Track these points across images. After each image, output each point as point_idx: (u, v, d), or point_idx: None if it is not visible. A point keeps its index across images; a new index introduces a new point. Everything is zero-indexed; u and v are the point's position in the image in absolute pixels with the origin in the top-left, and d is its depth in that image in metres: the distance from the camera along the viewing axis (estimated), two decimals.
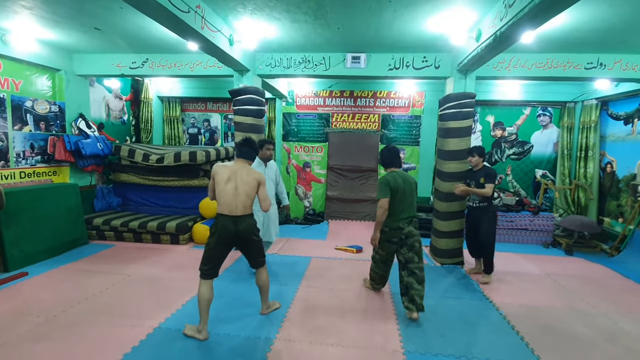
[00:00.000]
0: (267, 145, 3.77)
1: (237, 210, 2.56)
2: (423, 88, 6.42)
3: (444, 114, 4.41)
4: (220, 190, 2.59)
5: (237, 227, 2.57)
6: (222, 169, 2.61)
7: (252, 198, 2.63)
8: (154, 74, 5.01)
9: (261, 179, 2.63)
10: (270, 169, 3.87)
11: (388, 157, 3.14)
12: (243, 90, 4.52)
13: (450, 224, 4.39)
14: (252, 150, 2.76)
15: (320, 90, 6.69)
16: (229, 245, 2.65)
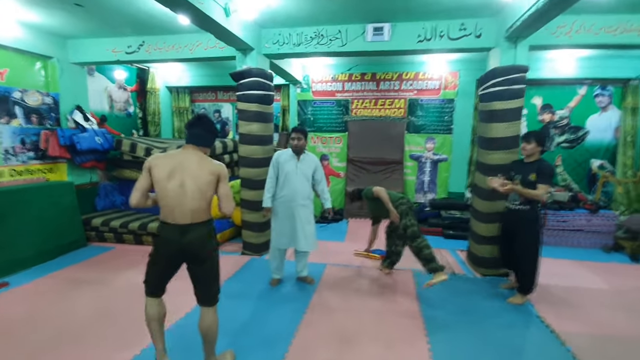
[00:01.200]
0: (293, 134, 3.20)
1: (185, 217, 1.88)
2: (457, 67, 5.57)
3: (487, 93, 3.62)
4: (160, 190, 1.90)
5: (183, 240, 1.90)
6: (161, 160, 1.92)
7: (208, 199, 1.94)
8: (150, 58, 4.50)
9: (221, 172, 1.95)
10: (305, 163, 3.26)
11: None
12: (246, 73, 3.92)
13: (493, 228, 3.62)
14: (206, 132, 2.02)
15: (339, 74, 5.99)
16: (175, 262, 2.01)
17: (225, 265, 3.92)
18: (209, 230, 1.99)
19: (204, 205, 1.93)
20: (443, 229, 5.19)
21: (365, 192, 3.61)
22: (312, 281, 3.50)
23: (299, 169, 3.23)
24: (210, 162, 1.97)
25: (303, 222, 3.26)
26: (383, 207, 3.42)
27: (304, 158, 3.26)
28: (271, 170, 3.28)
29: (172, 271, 2.04)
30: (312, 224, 3.32)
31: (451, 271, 3.86)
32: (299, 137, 3.18)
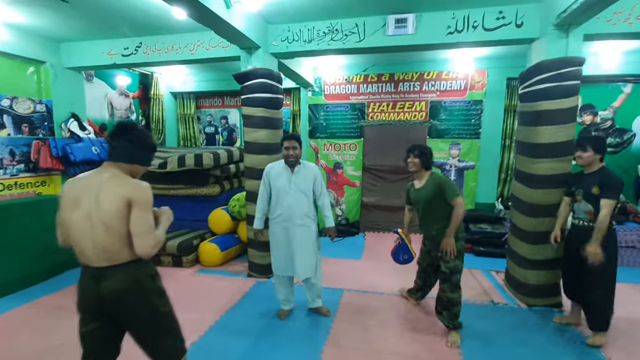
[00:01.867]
0: (286, 143, 2.70)
1: (98, 258, 1.44)
2: (485, 64, 5.04)
3: (530, 92, 3.09)
4: (65, 223, 1.47)
5: (101, 289, 1.44)
6: (69, 184, 1.50)
7: (122, 234, 1.43)
8: (149, 60, 4.12)
9: (133, 195, 1.42)
10: (302, 175, 2.76)
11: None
12: (251, 74, 3.49)
13: (540, 250, 3.07)
14: (128, 143, 1.52)
15: (353, 76, 5.52)
16: (104, 321, 1.51)
17: (229, 291, 3.48)
18: (139, 274, 1.49)
19: (117, 242, 1.42)
20: (473, 245, 4.63)
21: (448, 186, 2.51)
22: (328, 313, 3.00)
23: (293, 184, 2.74)
24: (122, 182, 1.45)
25: (299, 246, 2.76)
26: (440, 220, 2.58)
27: (299, 170, 2.76)
28: (262, 187, 2.83)
29: (103, 335, 1.52)
30: (310, 248, 2.80)
31: (489, 299, 3.31)
32: (294, 146, 2.69)
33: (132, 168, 1.55)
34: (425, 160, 2.60)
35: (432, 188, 2.53)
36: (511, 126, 5.10)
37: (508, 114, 5.10)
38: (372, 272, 3.98)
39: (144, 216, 1.43)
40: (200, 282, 3.73)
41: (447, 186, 2.49)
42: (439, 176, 2.61)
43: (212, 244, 4.17)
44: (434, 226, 2.62)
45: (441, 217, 2.55)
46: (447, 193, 2.47)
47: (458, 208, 2.44)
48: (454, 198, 2.45)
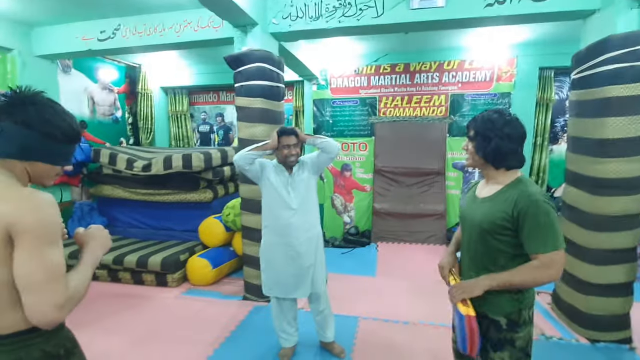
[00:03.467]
0: (284, 140, 2.11)
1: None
2: (514, 52, 4.44)
3: (592, 75, 2.48)
4: None
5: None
6: None
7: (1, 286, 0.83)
8: (128, 45, 3.54)
9: (17, 221, 0.80)
10: (300, 175, 2.19)
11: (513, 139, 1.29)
12: (246, 57, 2.89)
13: (608, 272, 2.46)
14: (19, 127, 0.88)
15: (364, 67, 4.93)
16: None
17: (220, 319, 2.88)
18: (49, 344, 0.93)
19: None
20: None
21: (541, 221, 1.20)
22: (342, 353, 2.39)
23: (292, 188, 2.16)
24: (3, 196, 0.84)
25: (306, 260, 2.19)
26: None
27: (298, 169, 2.20)
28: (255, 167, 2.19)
29: None
30: (320, 257, 2.28)
31: (539, 331, 2.70)
32: (295, 143, 2.12)
33: (31, 168, 0.94)
34: (491, 148, 1.29)
35: (505, 207, 1.25)
36: (544, 122, 4.50)
37: (540, 108, 4.49)
38: (390, 293, 3.37)
39: (40, 255, 0.82)
40: (186, 308, 3.13)
41: (539, 220, 1.18)
42: (528, 190, 1.23)
43: (202, 260, 3.56)
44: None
45: (501, 269, 1.29)
46: (532, 232, 1.19)
47: (547, 269, 1.19)
48: (547, 250, 1.18)
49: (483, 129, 1.30)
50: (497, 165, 1.32)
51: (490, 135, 1.28)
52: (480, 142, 1.31)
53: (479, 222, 1.32)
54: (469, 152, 1.37)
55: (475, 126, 1.33)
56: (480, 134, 1.31)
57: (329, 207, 5.30)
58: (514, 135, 1.27)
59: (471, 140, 1.35)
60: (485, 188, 1.39)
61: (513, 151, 1.28)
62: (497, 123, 1.28)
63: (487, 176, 1.38)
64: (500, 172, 1.32)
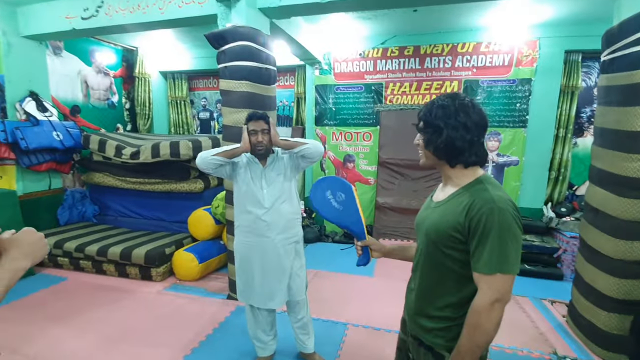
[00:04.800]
0: (252, 125, 1.87)
1: None
2: (536, 34, 3.98)
3: (626, 56, 2.10)
4: None
5: None
6: None
7: None
8: (112, 23, 3.31)
9: None
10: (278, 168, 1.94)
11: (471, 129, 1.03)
12: (230, 34, 2.61)
13: (634, 287, 2.11)
14: None
15: (369, 50, 4.56)
16: None
17: (200, 319, 2.69)
18: None
19: None
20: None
21: (491, 231, 0.95)
22: None
23: (266, 182, 1.91)
24: None
25: (287, 267, 1.96)
26: (444, 295, 1.09)
27: (274, 161, 1.94)
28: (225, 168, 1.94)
29: None
30: (302, 266, 2.05)
31: (550, 348, 2.38)
32: (263, 128, 1.86)
33: None
34: (442, 141, 1.03)
35: (457, 214, 1.01)
36: (568, 112, 4.05)
37: (565, 96, 4.04)
38: (387, 297, 3.09)
39: None
40: (166, 305, 2.95)
41: (491, 231, 0.94)
42: (487, 194, 0.98)
43: (188, 254, 3.37)
44: (430, 302, 1.12)
45: (448, 291, 1.07)
46: (479, 245, 0.96)
47: (485, 303, 0.95)
48: (489, 271, 0.95)
49: (432, 118, 1.04)
50: (451, 163, 1.06)
51: (440, 125, 1.03)
52: (430, 134, 1.05)
53: (427, 231, 1.09)
54: (419, 147, 1.12)
55: (423, 116, 1.08)
56: (429, 124, 1.05)
57: None
58: (470, 123, 1.01)
59: (421, 133, 1.10)
60: (442, 190, 1.15)
61: (470, 144, 1.02)
62: (449, 109, 1.02)
63: (444, 176, 1.13)
64: (457, 171, 1.07)
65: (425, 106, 1.09)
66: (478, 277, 0.96)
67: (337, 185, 1.37)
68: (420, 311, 1.15)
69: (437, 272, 1.08)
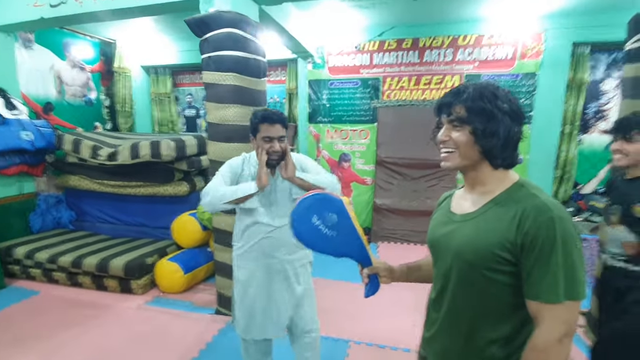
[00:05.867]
0: (264, 130, 1.53)
1: None
2: (542, 25, 3.78)
3: None
4: None
5: None
6: None
7: None
8: (82, 11, 2.98)
9: None
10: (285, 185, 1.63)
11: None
12: (213, 20, 2.33)
13: None
14: None
15: (366, 42, 4.31)
16: None
17: (185, 339, 2.42)
18: None
19: None
20: None
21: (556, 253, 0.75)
22: None
23: (277, 193, 1.63)
24: None
25: (292, 291, 1.70)
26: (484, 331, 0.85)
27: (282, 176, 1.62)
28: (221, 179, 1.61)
29: None
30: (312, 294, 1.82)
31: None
32: (281, 136, 1.55)
33: None
34: (501, 134, 0.80)
35: (503, 228, 0.79)
36: (574, 108, 3.87)
37: (572, 91, 3.85)
38: (389, 308, 2.86)
39: None
40: (147, 322, 2.66)
41: (553, 248, 0.74)
42: (539, 200, 0.78)
43: (172, 264, 3.08)
44: (469, 339, 0.87)
45: (495, 325, 0.84)
46: (537, 266, 0.75)
47: (552, 340, 0.74)
48: (558, 299, 0.74)
49: (484, 103, 0.81)
50: (498, 162, 0.84)
51: (495, 112, 0.80)
52: (482, 125, 0.81)
53: (459, 251, 0.86)
54: (454, 143, 0.85)
55: (468, 100, 0.82)
56: (482, 111, 0.81)
57: None
58: (521, 114, 0.84)
59: (459, 124, 0.84)
60: (467, 199, 0.92)
61: (520, 138, 0.85)
62: (500, 94, 0.83)
63: (474, 181, 0.90)
64: (496, 174, 0.86)
65: (459, 91, 0.85)
66: (538, 307, 0.76)
67: (324, 205, 1.02)
68: (451, 352, 0.91)
69: (478, 302, 0.84)
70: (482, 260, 0.81)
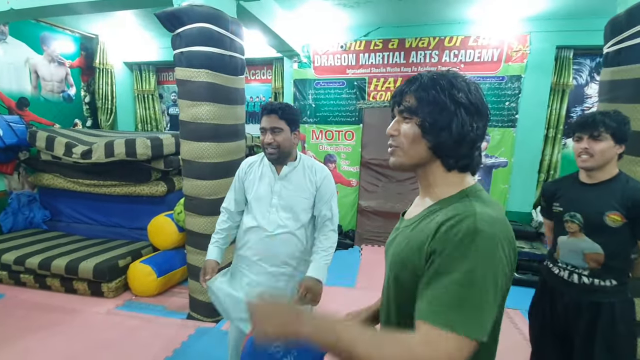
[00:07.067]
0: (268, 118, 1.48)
1: None
2: (527, 28, 3.76)
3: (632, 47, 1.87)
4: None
5: None
6: None
7: None
8: (55, 2, 2.87)
9: None
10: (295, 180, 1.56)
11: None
12: (185, 14, 2.24)
13: None
14: None
15: (351, 42, 4.25)
16: None
17: (153, 345, 2.33)
18: None
19: None
20: None
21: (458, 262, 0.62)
22: None
23: (277, 196, 1.55)
24: None
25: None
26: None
27: (292, 171, 1.56)
28: (232, 189, 1.66)
29: None
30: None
31: None
32: (274, 127, 1.47)
33: None
34: (453, 129, 0.70)
35: (421, 238, 0.69)
36: (558, 112, 3.86)
37: (556, 95, 3.84)
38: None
39: None
40: (115, 328, 2.55)
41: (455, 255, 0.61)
42: (465, 208, 0.67)
43: (145, 266, 2.98)
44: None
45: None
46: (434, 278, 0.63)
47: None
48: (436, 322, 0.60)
49: (435, 92, 0.71)
50: (450, 163, 0.73)
51: (447, 103, 0.70)
52: (431, 116, 0.71)
53: (393, 260, 0.79)
54: (402, 137, 0.74)
55: (418, 90, 0.73)
56: (431, 102, 0.71)
57: None
58: (481, 106, 0.72)
59: (409, 115, 0.73)
60: (418, 204, 0.83)
61: (480, 135, 0.73)
62: (459, 84, 0.71)
63: (425, 184, 0.78)
64: (448, 177, 0.75)
65: (413, 80, 0.75)
66: (420, 326, 0.61)
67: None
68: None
69: (404, 312, 0.72)
70: (401, 271, 0.72)
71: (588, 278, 1.42)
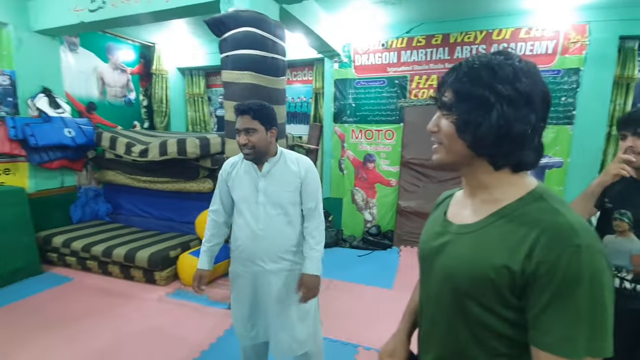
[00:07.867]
0: (241, 119, 1.49)
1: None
2: (585, 17, 3.47)
3: None
4: None
5: None
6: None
7: None
8: (118, 15, 3.18)
9: None
10: (278, 177, 1.57)
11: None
12: (231, 19, 2.37)
13: None
14: None
15: (393, 39, 4.20)
16: None
17: (197, 333, 2.49)
18: None
19: None
20: None
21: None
22: None
23: (262, 194, 1.56)
24: None
25: (277, 305, 1.61)
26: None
27: (274, 167, 1.57)
28: (217, 192, 1.68)
29: None
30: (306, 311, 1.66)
31: None
32: (248, 128, 1.46)
33: None
34: (491, 124, 0.63)
35: (508, 250, 0.62)
36: (622, 107, 3.51)
37: (619, 89, 3.50)
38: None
39: None
40: (164, 314, 2.76)
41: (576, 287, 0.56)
42: (561, 219, 0.60)
43: (193, 258, 3.18)
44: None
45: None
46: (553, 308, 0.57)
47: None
48: (573, 354, 0.56)
49: (473, 84, 0.63)
50: (498, 162, 0.66)
51: (487, 95, 0.62)
52: (468, 111, 0.64)
53: (450, 274, 0.70)
54: (442, 134, 0.69)
55: (455, 82, 0.66)
56: (468, 95, 0.64)
57: (349, 202, 4.71)
58: (535, 96, 0.62)
59: (447, 111, 0.68)
60: (466, 206, 0.75)
61: (534, 130, 0.64)
62: (503, 71, 0.62)
63: (473, 184, 0.72)
64: (500, 177, 0.68)
65: (453, 69, 0.68)
66: (546, 359, 0.58)
67: None
68: None
69: (471, 334, 0.68)
70: (479, 289, 0.65)
71: (630, 283, 1.29)
